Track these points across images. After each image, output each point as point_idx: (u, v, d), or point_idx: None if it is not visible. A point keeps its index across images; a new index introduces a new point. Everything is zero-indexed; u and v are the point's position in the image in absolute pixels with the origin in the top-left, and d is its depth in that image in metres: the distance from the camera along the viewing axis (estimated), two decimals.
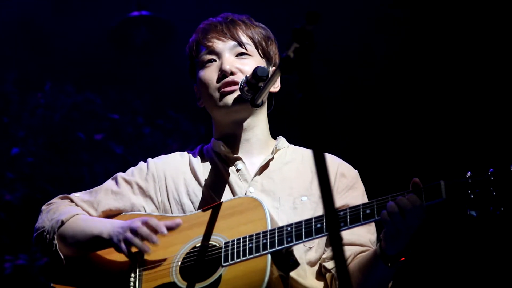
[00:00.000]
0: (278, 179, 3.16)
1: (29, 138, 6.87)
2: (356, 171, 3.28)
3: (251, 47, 3.23)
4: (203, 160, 3.25)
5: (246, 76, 3.08)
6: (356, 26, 6.47)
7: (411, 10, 6.34)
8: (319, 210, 3.08)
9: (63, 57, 6.96)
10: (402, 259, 2.87)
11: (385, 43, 6.46)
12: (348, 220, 2.78)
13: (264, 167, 3.18)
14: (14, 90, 6.98)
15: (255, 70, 3.01)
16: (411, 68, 6.44)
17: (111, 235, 2.98)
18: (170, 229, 2.93)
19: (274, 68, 3.26)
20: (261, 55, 3.25)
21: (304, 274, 3.01)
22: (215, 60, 3.21)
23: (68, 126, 6.95)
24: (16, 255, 6.52)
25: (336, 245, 2.02)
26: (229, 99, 3.14)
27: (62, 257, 3.07)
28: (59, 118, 6.96)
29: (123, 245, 2.93)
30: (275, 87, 3.30)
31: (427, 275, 6.03)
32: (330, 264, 3.05)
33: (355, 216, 2.78)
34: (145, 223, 2.93)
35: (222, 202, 3.03)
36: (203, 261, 2.90)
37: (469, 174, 2.73)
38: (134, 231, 2.92)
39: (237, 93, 3.13)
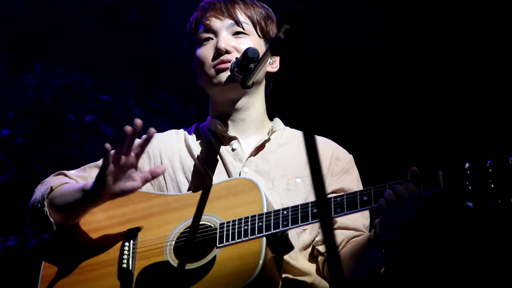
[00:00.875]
0: (272, 160, 3.15)
1: (19, 119, 6.84)
2: (351, 156, 3.27)
3: (248, 26, 3.22)
4: (198, 138, 3.25)
5: (236, 57, 3.09)
6: (355, 10, 6.47)
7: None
8: (313, 193, 3.06)
9: (53, 38, 6.93)
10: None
11: (385, 28, 6.45)
12: (345, 206, 2.78)
13: (260, 148, 3.18)
14: (4, 71, 6.95)
15: (246, 51, 3.01)
16: (412, 56, 6.43)
17: (94, 183, 2.92)
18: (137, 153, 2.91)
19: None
20: (259, 34, 3.24)
21: (296, 256, 3.01)
22: (212, 39, 3.21)
23: (58, 108, 6.93)
24: (7, 236, 6.50)
25: (327, 230, 2.00)
26: (223, 76, 3.14)
27: (52, 221, 3.03)
28: (49, 99, 6.93)
29: (99, 179, 2.88)
30: (274, 67, 3.30)
31: (423, 267, 6.05)
32: (323, 248, 3.05)
33: (352, 202, 2.78)
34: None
35: (217, 182, 3.02)
36: (197, 241, 2.89)
37: (467, 165, 2.73)
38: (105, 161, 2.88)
39: None
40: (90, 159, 6.56)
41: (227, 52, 3.14)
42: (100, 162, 3.17)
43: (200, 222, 2.94)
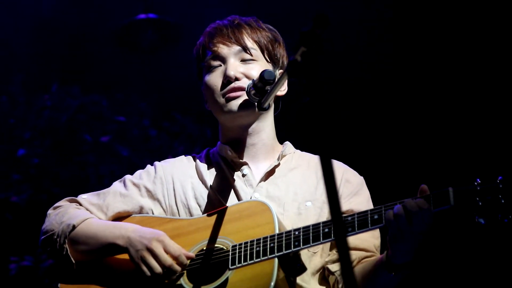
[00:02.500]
0: (283, 185, 3.16)
1: (35, 139, 6.89)
2: (361, 178, 3.28)
3: (256, 52, 3.22)
4: (209, 164, 3.26)
5: (253, 79, 3.08)
6: (360, 29, 6.49)
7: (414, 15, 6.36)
8: (323, 215, 3.10)
9: (70, 59, 6.99)
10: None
11: (392, 47, 6.47)
12: (356, 225, 2.78)
13: (270, 173, 3.19)
14: (21, 92, 7.02)
15: (262, 74, 3.01)
16: (421, 75, 6.45)
17: (128, 246, 2.98)
18: (188, 258, 2.94)
19: (281, 70, 3.26)
20: (267, 59, 3.24)
21: (308, 279, 3.01)
22: (221, 65, 3.21)
23: (74, 128, 6.98)
24: (22, 256, 6.54)
25: (342, 249, 2.01)
26: (234, 104, 3.14)
27: (74, 261, 3.06)
28: (65, 120, 6.98)
29: (142, 265, 2.92)
30: (282, 90, 3.29)
31: (434, 282, 6.03)
32: (334, 267, 3.06)
33: (363, 221, 2.78)
34: (165, 249, 2.92)
35: (229, 206, 3.04)
36: (210, 263, 2.91)
37: (477, 181, 2.72)
38: (154, 254, 2.91)
39: (242, 98, 3.13)
40: (105, 180, 6.61)
41: (237, 79, 3.15)
42: (114, 187, 3.24)
43: (213, 245, 2.95)
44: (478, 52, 6.18)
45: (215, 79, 3.20)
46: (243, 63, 3.20)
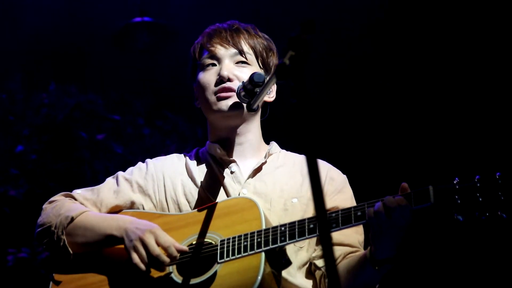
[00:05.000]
0: (270, 181, 3.23)
1: (33, 136, 6.90)
2: (344, 176, 3.36)
3: (251, 57, 3.30)
4: (198, 162, 3.32)
5: (243, 81, 3.15)
6: (351, 31, 6.55)
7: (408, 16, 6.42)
8: (308, 211, 3.16)
9: (67, 59, 7.04)
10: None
11: (371, 46, 6.50)
12: (340, 221, 2.85)
13: (257, 170, 3.26)
14: (19, 90, 7.02)
15: (252, 76, 3.08)
16: (404, 74, 6.49)
17: (123, 236, 3.04)
18: (180, 251, 2.99)
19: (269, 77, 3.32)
20: (260, 65, 3.32)
21: (294, 273, 3.09)
22: (215, 65, 3.28)
23: (71, 126, 6.99)
24: (19, 248, 6.55)
25: (326, 244, 2.08)
26: (224, 104, 3.22)
27: (71, 252, 3.12)
28: (62, 118, 6.99)
29: (133, 253, 2.98)
30: (270, 97, 3.38)
31: (416, 279, 6.11)
32: (320, 262, 3.13)
33: (347, 217, 2.85)
34: (157, 241, 2.99)
35: (218, 202, 3.10)
36: (199, 257, 2.98)
37: (456, 180, 2.80)
38: (145, 244, 2.98)
39: (233, 99, 3.21)
40: (100, 175, 6.65)
41: (229, 80, 3.22)
42: (107, 184, 3.30)
43: (202, 239, 3.02)
44: (462, 52, 6.20)
45: (209, 77, 3.27)
46: (237, 65, 3.27)
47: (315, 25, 2.22)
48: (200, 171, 3.28)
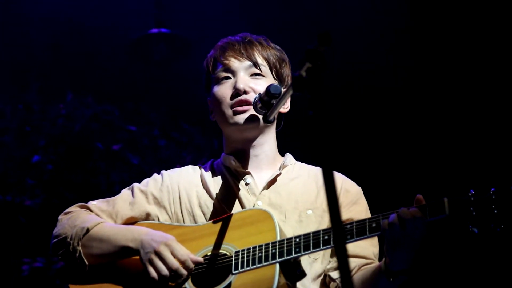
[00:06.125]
0: (285, 193, 3.23)
1: (49, 146, 6.92)
2: (359, 188, 3.36)
3: (265, 68, 3.31)
4: (214, 174, 3.32)
5: (259, 93, 3.16)
6: (367, 42, 6.57)
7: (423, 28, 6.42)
8: (323, 223, 3.17)
9: (85, 70, 7.08)
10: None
11: (394, 57, 6.52)
12: (355, 232, 2.85)
13: (272, 182, 3.27)
14: (36, 100, 7.06)
15: (269, 88, 3.09)
16: (418, 87, 6.49)
17: (139, 248, 3.04)
18: (196, 263, 3.00)
19: (286, 89, 3.28)
20: (274, 76, 3.33)
21: (308, 284, 3.09)
22: (230, 78, 3.28)
23: (87, 136, 7.01)
24: (34, 258, 6.58)
25: (341, 256, 2.08)
26: (241, 118, 3.23)
27: (87, 263, 3.11)
28: (79, 128, 7.03)
29: (149, 267, 2.98)
30: (285, 108, 3.39)
31: None
32: (335, 274, 3.14)
33: (361, 229, 2.85)
34: (173, 253, 2.99)
35: (233, 213, 3.10)
36: (214, 268, 2.98)
37: (471, 192, 2.79)
38: (161, 257, 2.98)
39: (249, 112, 3.21)
40: (116, 186, 6.68)
41: (245, 92, 3.23)
42: (122, 195, 3.31)
43: (217, 251, 3.02)
44: (483, 65, 6.23)
45: (224, 90, 3.27)
46: (252, 77, 3.27)
47: (331, 38, 2.23)
48: (215, 183, 3.29)
